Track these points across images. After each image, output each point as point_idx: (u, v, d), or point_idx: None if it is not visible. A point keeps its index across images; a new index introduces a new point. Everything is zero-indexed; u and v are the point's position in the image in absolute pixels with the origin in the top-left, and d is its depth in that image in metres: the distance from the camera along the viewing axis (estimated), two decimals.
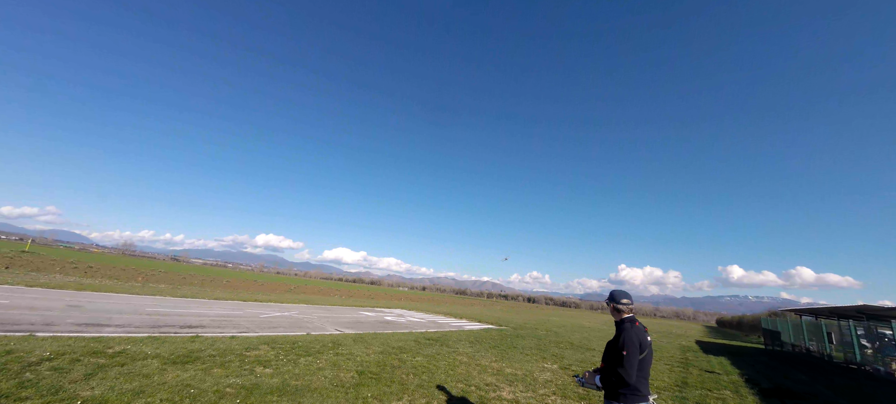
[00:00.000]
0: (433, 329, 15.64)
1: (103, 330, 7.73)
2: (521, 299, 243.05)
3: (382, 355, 8.48)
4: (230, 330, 9.74)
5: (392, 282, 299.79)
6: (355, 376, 6.44)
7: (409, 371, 7.25)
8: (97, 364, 5.35)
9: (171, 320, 10.19)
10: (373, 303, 31.55)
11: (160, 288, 20.55)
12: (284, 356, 7.27)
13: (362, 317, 17.49)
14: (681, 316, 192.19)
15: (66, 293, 13.09)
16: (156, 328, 8.75)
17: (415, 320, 19.17)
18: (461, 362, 8.71)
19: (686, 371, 10.96)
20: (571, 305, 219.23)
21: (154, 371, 5.37)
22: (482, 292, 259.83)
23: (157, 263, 71.05)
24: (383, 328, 14.15)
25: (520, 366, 9.04)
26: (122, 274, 27.18)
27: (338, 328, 12.69)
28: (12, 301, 9.98)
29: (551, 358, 10.87)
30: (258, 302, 19.26)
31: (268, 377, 5.78)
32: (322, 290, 43.50)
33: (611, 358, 3.04)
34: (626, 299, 3.16)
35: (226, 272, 73.69)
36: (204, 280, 33.22)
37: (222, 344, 7.70)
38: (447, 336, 13.43)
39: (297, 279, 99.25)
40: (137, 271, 32.27)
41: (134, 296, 15.06)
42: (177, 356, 6.28)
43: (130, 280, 23.43)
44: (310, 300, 25.49)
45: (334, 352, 8.16)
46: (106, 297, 13.32)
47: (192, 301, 15.87)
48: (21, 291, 12.05)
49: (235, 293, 23.53)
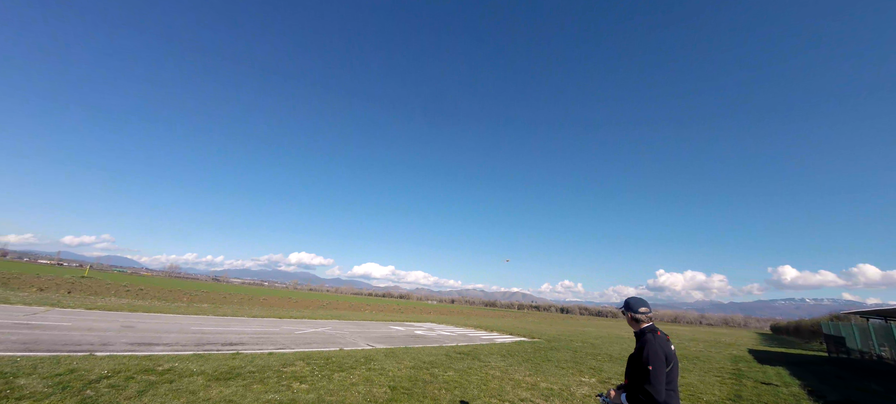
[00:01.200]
0: (464, 342, 15.45)
1: (153, 349, 8.22)
2: (553, 310, 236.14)
3: (414, 370, 8.46)
4: (268, 346, 10.07)
5: (420, 296, 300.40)
6: (388, 391, 6.45)
7: (440, 386, 7.18)
8: (149, 381, 5.67)
9: (214, 338, 10.69)
10: (402, 317, 31.67)
11: (203, 307, 21.67)
12: (319, 371, 7.41)
13: (393, 332, 17.57)
14: (729, 322, 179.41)
15: (121, 314, 14.07)
16: (200, 346, 9.20)
17: (445, 334, 19.03)
18: (494, 376, 8.52)
19: (739, 383, 10.15)
20: (608, 315, 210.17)
21: (199, 387, 5.63)
22: (512, 303, 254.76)
23: (199, 284, 75.18)
24: (414, 342, 14.14)
25: (556, 381, 8.72)
26: (168, 295, 28.92)
27: (369, 343, 12.81)
28: (74, 323, 10.84)
29: (589, 372, 10.42)
30: (293, 318, 19.84)
31: (304, 393, 5.91)
32: (353, 305, 44.26)
33: (635, 374, 2.77)
34: (644, 307, 2.90)
35: (262, 290, 76.85)
36: (242, 298, 34.72)
37: (261, 360, 7.97)
38: (478, 349, 13.22)
39: (329, 295, 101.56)
40: (182, 292, 34.24)
41: (180, 315, 15.95)
42: (220, 372, 6.56)
43: (176, 300, 24.88)
44: (341, 315, 25.96)
45: (367, 368, 8.22)
46: (155, 318, 14.19)
47: (233, 319, 16.58)
48: (81, 314, 13.07)
49: (272, 310, 24.38)
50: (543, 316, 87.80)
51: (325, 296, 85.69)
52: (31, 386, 4.91)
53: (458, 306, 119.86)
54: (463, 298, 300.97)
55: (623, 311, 3.01)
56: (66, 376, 5.47)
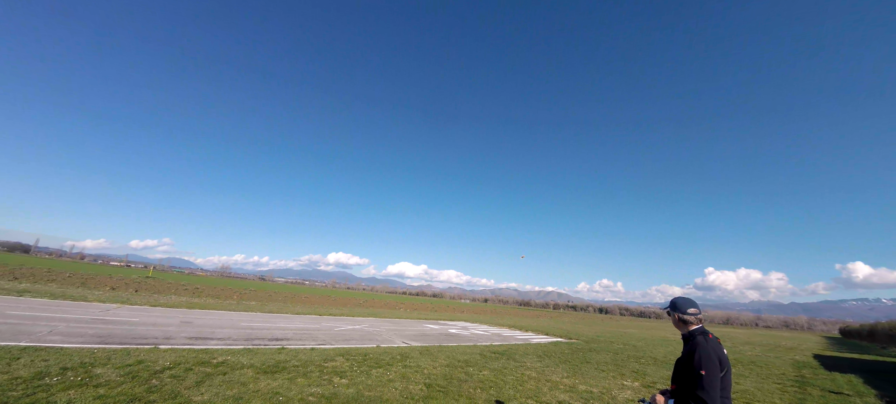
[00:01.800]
0: (498, 342, 15.32)
1: (209, 343, 8.88)
2: (591, 310, 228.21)
3: (449, 368, 8.50)
4: (310, 342, 10.55)
5: (453, 295, 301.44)
6: (424, 388, 6.53)
7: (476, 385, 7.16)
8: (205, 372, 6.14)
9: (262, 333, 11.37)
10: (436, 315, 31.95)
11: (251, 305, 23.11)
12: (358, 367, 7.65)
13: (427, 330, 17.77)
14: (791, 325, 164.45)
15: (180, 311, 15.32)
16: (249, 341, 9.82)
17: (479, 333, 18.97)
18: (530, 377, 8.38)
19: (803, 391, 9.28)
20: (651, 315, 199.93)
21: (249, 379, 6.02)
22: (547, 303, 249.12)
23: (247, 283, 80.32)
24: (448, 341, 14.22)
25: (595, 383, 8.42)
26: (221, 293, 31.12)
27: (405, 340, 13.04)
28: (141, 319, 11.95)
29: (631, 375, 9.96)
30: (332, 316, 20.64)
31: (344, 387, 6.13)
32: (388, 304, 45.26)
33: (685, 380, 2.55)
34: (693, 308, 2.69)
35: (303, 288, 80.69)
36: (286, 297, 36.65)
37: (304, 355, 8.36)
38: (513, 349, 13.05)
39: (365, 293, 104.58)
40: (233, 290, 36.71)
41: (231, 312, 17.11)
42: (267, 366, 6.97)
43: (228, 298, 26.72)
44: (377, 313, 26.65)
45: (403, 365, 8.38)
46: (210, 314, 15.32)
47: (278, 316, 17.54)
48: (147, 310, 14.38)
49: (312, 308, 25.51)
50: (581, 317, 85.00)
51: (361, 294, 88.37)
52: (106, 375, 5.48)
53: (491, 305, 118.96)
54: (496, 297, 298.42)
55: (669, 312, 2.82)
56: (135, 366, 6.04)
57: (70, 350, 6.70)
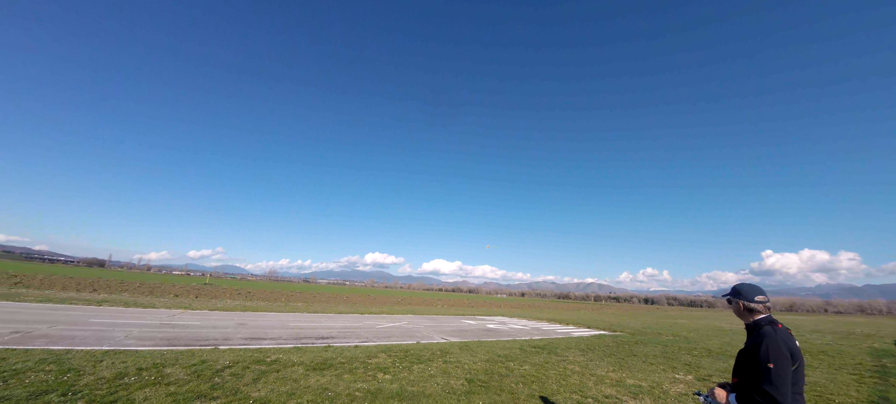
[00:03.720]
0: (538, 336, 15.08)
1: (262, 343, 9.48)
2: (635, 301, 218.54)
3: (489, 363, 8.50)
4: (354, 340, 10.97)
5: (489, 290, 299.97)
6: (465, 383, 6.58)
7: (517, 380, 7.11)
8: (260, 370, 6.57)
9: (309, 333, 11.96)
10: (473, 311, 31.99)
11: (298, 306, 24.37)
12: (400, 363, 7.85)
13: (465, 326, 17.85)
14: (867, 310, 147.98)
15: (235, 314, 16.47)
16: (298, 340, 10.38)
17: (517, 327, 18.78)
18: (573, 371, 8.18)
19: (885, 382, 8.35)
20: (703, 304, 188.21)
21: (300, 376, 6.37)
22: (587, 295, 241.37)
23: (293, 285, 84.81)
24: (486, 336, 14.20)
25: (644, 377, 8.07)
26: (270, 296, 33.10)
27: (443, 336, 13.19)
28: (202, 322, 12.98)
29: (683, 368, 9.44)
30: (372, 314, 21.28)
31: (388, 383, 6.32)
32: (425, 301, 45.93)
33: (749, 373, 2.31)
34: (761, 295, 2.42)
35: (344, 289, 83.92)
36: (328, 297, 38.29)
37: (349, 352, 8.71)
38: (554, 343, 12.80)
39: (403, 291, 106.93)
40: (281, 293, 38.90)
41: (280, 314, 18.14)
42: (315, 363, 7.33)
43: (276, 300, 28.36)
44: (415, 311, 27.14)
45: (443, 360, 8.49)
46: (261, 316, 16.34)
47: (322, 316, 18.37)
48: (206, 314, 15.60)
49: (354, 307, 26.46)
50: (624, 308, 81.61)
51: (399, 292, 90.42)
52: (175, 374, 6.02)
53: (528, 299, 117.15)
54: (533, 291, 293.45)
55: (730, 300, 2.57)
56: (199, 366, 6.59)
57: (143, 352, 7.42)
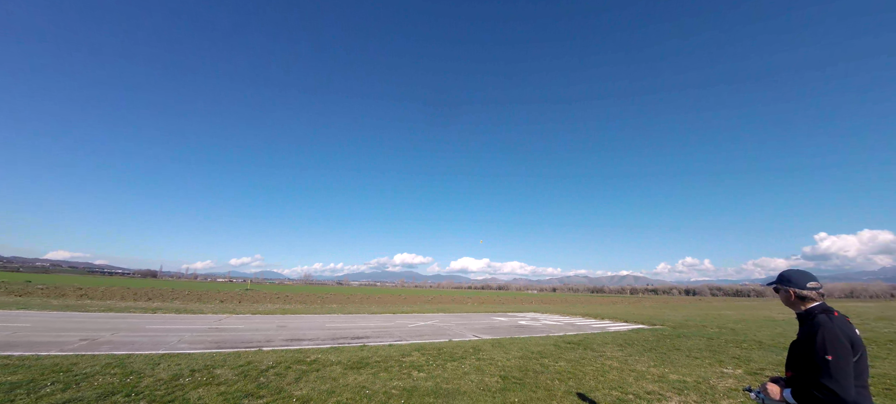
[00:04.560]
0: (572, 331, 14.74)
1: (301, 344, 9.88)
2: (675, 292, 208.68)
3: (523, 360, 8.41)
4: (388, 339, 11.19)
5: (519, 286, 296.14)
6: (499, 380, 6.55)
7: (553, 376, 6.98)
8: (301, 370, 6.85)
9: (344, 333, 12.34)
10: (504, 307, 31.73)
11: (332, 307, 25.19)
12: (433, 361, 7.93)
13: (496, 323, 17.75)
14: None
15: (275, 317, 17.26)
16: (335, 340, 10.73)
17: (550, 323, 18.43)
18: (611, 367, 7.93)
19: None
20: (750, 294, 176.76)
21: (338, 375, 6.59)
22: (623, 288, 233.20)
23: (327, 288, 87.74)
24: (519, 332, 14.05)
25: (689, 372, 7.69)
26: (306, 299, 34.42)
27: (475, 334, 13.18)
28: (246, 325, 13.71)
29: (732, 362, 8.91)
30: (404, 313, 21.62)
31: (423, 380, 6.40)
32: (455, 299, 46.07)
33: (805, 366, 2.11)
34: (813, 282, 2.22)
35: (375, 290, 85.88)
36: (361, 298, 39.29)
37: (383, 351, 8.90)
38: (590, 338, 12.46)
39: (432, 290, 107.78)
40: (316, 296, 40.34)
41: (317, 315, 18.82)
42: (352, 362, 7.55)
43: (312, 303, 29.45)
44: (446, 309, 27.29)
45: (476, 357, 8.48)
46: (299, 318, 17.02)
47: (356, 316, 18.87)
48: (249, 318, 16.45)
49: (386, 307, 27.00)
50: (663, 300, 78.00)
51: (428, 291, 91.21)
52: (224, 374, 6.39)
53: (560, 294, 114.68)
54: (565, 286, 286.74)
55: (777, 288, 2.36)
56: (245, 367, 6.96)
57: (195, 355, 7.94)
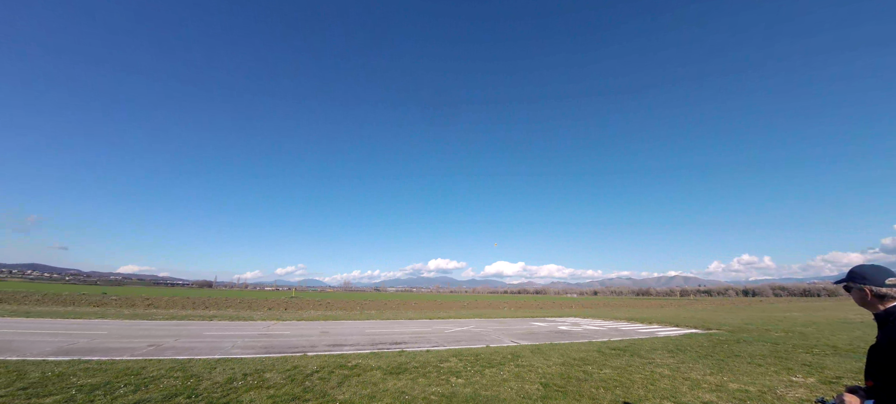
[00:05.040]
0: (617, 337, 14.03)
1: (343, 349, 10.20)
2: (731, 293, 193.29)
3: (564, 367, 8.11)
4: (425, 345, 11.26)
5: (557, 290, 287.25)
6: (540, 388, 6.35)
7: (597, 384, 6.67)
8: (343, 375, 7.06)
9: (383, 338, 12.58)
10: (542, 312, 30.89)
11: (371, 313, 25.83)
12: (471, 367, 7.86)
13: (535, 328, 17.30)
14: None
15: (318, 323, 17.97)
16: (374, 345, 10.97)
17: (592, 328, 17.68)
18: (662, 375, 7.44)
19: None
20: (820, 293, 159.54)
21: (379, 380, 6.71)
22: (671, 290, 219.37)
23: (365, 295, 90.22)
24: (559, 338, 13.59)
25: (751, 381, 7.05)
26: (346, 305, 35.55)
27: (513, 339, 12.92)
28: (292, 331, 14.38)
29: (802, 369, 8.06)
30: (440, 319, 21.69)
31: (461, 386, 6.36)
32: (491, 304, 45.54)
33: (888, 374, 1.82)
34: (893, 279, 1.94)
35: (411, 295, 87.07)
36: (398, 304, 39.95)
37: (421, 357, 8.96)
38: (637, 344, 11.79)
39: (468, 295, 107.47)
40: (355, 302, 41.57)
41: (356, 321, 19.37)
42: (391, 367, 7.67)
43: (352, 309, 30.37)
44: (482, 314, 27.03)
45: (515, 364, 8.31)
46: (340, 324, 17.60)
47: (394, 322, 19.21)
48: (295, 324, 17.25)
49: (422, 312, 27.23)
50: (718, 302, 72.30)
51: (464, 296, 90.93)
52: (273, 378, 6.73)
53: (602, 298, 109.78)
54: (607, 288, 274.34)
55: (848, 287, 2.09)
56: (292, 371, 7.29)
57: (247, 359, 8.43)
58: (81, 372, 6.67)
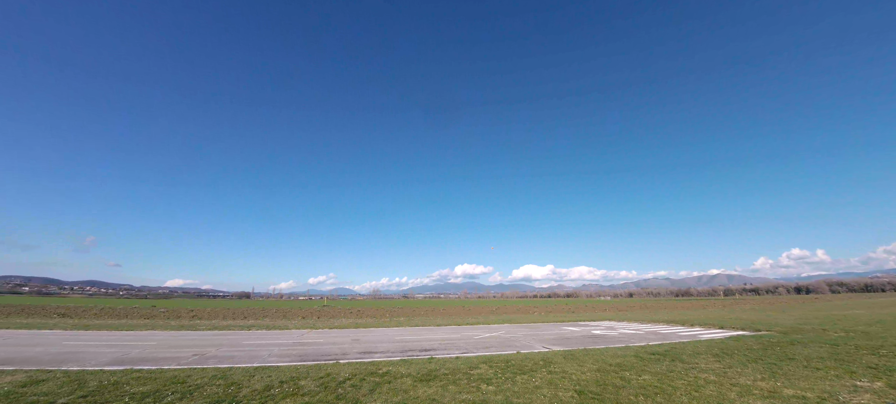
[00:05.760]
0: (656, 341, 13.37)
1: (374, 356, 10.33)
2: (782, 291, 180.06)
3: (599, 373, 7.80)
4: (455, 351, 11.21)
5: (589, 293, 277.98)
6: (575, 396, 6.14)
7: (636, 391, 6.36)
8: (375, 382, 7.13)
9: (413, 345, 12.64)
10: (574, 316, 29.99)
11: (400, 320, 26.06)
12: (501, 374, 7.73)
13: (566, 333, 16.81)
14: None
15: (350, 331, 18.33)
16: (404, 352, 11.03)
17: (628, 332, 16.95)
18: (707, 381, 7.00)
19: None
20: (885, 288, 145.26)
21: (409, 387, 6.73)
22: (714, 289, 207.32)
23: (394, 302, 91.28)
24: (593, 343, 13.12)
25: (809, 386, 6.49)
26: (376, 313, 36.11)
27: (545, 345, 12.60)
28: (324, 339, 14.74)
29: (867, 373, 7.33)
30: (469, 325, 21.53)
31: (492, 394, 6.26)
32: (520, 309, 44.77)
33: None
34: None
35: (439, 302, 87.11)
36: (426, 311, 40.10)
37: (451, 364, 8.91)
38: (678, 348, 11.18)
39: (496, 301, 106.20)
40: (385, 310, 42.13)
41: (386, 328, 19.60)
42: (421, 374, 7.67)
43: (382, 317, 30.81)
44: (511, 319, 26.60)
45: (547, 370, 8.08)
46: (371, 332, 17.87)
47: (423, 329, 19.27)
48: (327, 332, 17.69)
49: (450, 319, 27.17)
50: (767, 301, 67.44)
51: (492, 301, 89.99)
52: (307, 385, 6.90)
53: (638, 299, 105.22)
54: (643, 290, 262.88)
55: None
56: (325, 378, 7.45)
57: (282, 367, 8.71)
58: (134, 381, 7.13)
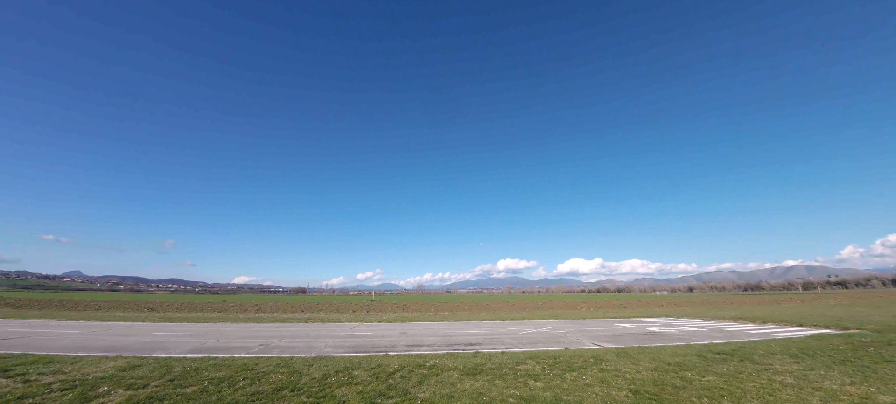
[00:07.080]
0: (721, 339, 12.33)
1: (420, 349, 10.60)
2: (875, 283, 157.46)
3: (656, 373, 7.37)
4: (500, 346, 11.17)
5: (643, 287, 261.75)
6: (629, 395, 5.86)
7: (699, 393, 5.93)
8: (422, 374, 7.34)
9: (458, 339, 12.79)
10: (626, 312, 28.46)
11: (445, 315, 26.45)
12: (549, 370, 7.58)
13: (619, 329, 16.03)
14: None
15: (397, 325, 18.96)
16: (449, 346, 11.20)
17: (689, 329, 15.78)
18: (783, 384, 6.34)
19: None
20: None
21: (456, 380, 6.84)
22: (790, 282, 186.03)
23: (438, 296, 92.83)
24: (649, 341, 12.40)
25: None
26: (421, 307, 36.97)
27: (595, 342, 12.13)
28: (374, 332, 15.40)
29: None
30: (514, 320, 21.30)
31: (540, 390, 6.16)
32: (567, 304, 43.35)
33: None
34: None
35: (483, 296, 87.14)
36: (470, 305, 40.27)
37: (497, 358, 8.90)
38: (748, 347, 10.22)
39: (541, 295, 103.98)
40: (429, 304, 42.99)
41: (432, 322, 20.01)
42: (467, 368, 7.75)
43: (427, 311, 31.47)
44: (558, 315, 25.87)
45: (598, 368, 7.79)
46: (417, 325, 18.35)
47: (467, 323, 19.40)
48: (376, 326, 18.45)
49: (494, 313, 27.05)
50: (857, 295, 59.13)
51: (537, 296, 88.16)
52: (361, 376, 7.27)
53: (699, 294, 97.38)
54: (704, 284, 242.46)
55: None
56: (376, 369, 7.80)
57: (337, 358, 9.24)
58: (211, 367, 7.97)
